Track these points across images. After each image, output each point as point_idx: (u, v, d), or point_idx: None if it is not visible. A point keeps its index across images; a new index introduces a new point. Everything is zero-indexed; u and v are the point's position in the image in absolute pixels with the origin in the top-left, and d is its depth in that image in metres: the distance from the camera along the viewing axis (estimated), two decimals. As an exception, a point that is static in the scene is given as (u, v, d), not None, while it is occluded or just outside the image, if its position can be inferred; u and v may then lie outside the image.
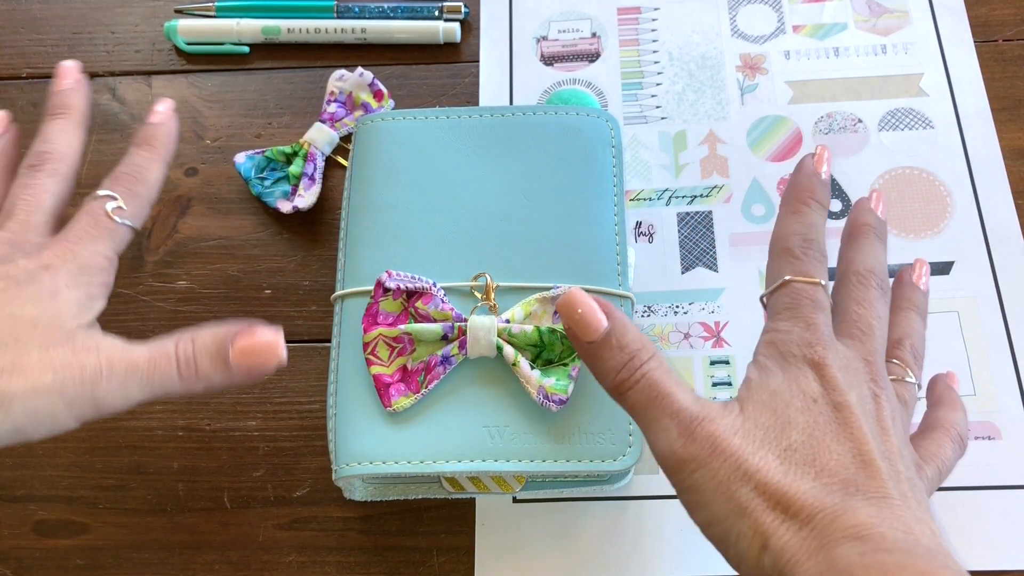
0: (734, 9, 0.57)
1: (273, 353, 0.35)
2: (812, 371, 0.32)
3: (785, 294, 0.34)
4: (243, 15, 0.58)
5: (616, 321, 0.32)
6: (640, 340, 0.32)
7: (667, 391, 0.31)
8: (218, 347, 0.35)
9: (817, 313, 0.34)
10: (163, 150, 0.41)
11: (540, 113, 0.46)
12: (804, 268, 0.35)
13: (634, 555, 0.43)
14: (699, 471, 0.30)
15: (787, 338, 0.33)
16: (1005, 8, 0.55)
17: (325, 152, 0.53)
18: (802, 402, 0.31)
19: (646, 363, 0.32)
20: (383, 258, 0.43)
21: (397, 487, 0.43)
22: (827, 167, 0.38)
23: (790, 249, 0.35)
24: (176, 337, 0.36)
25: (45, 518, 0.46)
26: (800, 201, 0.37)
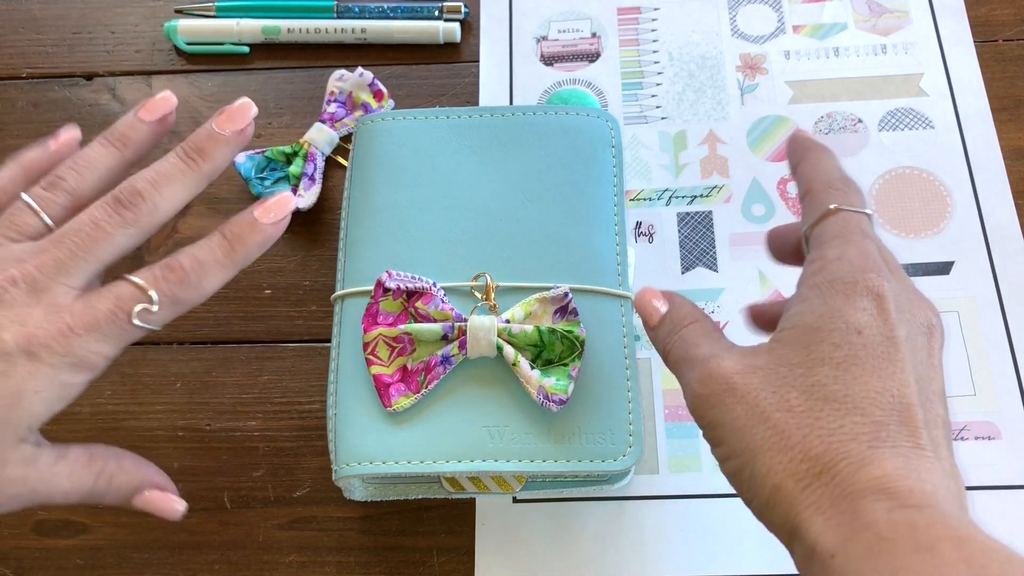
0: (734, 9, 0.57)
1: (169, 512, 0.36)
2: (866, 299, 0.30)
3: (834, 222, 0.32)
4: (243, 15, 0.58)
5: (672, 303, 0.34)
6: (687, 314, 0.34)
7: (696, 344, 0.32)
8: (129, 491, 0.36)
9: (868, 241, 0.32)
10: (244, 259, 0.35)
11: (540, 113, 0.46)
12: (850, 199, 0.33)
13: (634, 555, 0.43)
14: (715, 408, 0.30)
15: (838, 265, 0.31)
16: (1005, 8, 0.55)
17: (325, 152, 0.53)
18: (842, 335, 0.29)
19: (685, 327, 0.33)
20: (383, 258, 0.43)
21: (397, 487, 0.43)
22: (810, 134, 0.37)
23: (831, 182, 0.33)
24: (97, 471, 0.35)
25: (45, 518, 0.46)
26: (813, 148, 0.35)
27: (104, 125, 0.56)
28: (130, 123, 0.36)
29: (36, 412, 0.32)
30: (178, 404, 0.48)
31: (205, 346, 0.50)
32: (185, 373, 0.49)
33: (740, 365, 0.30)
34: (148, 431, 0.48)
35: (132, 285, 0.33)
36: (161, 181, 0.34)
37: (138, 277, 0.33)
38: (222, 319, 0.50)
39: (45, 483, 0.33)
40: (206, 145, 0.35)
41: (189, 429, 0.48)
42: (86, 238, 0.33)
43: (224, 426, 0.48)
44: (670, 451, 0.45)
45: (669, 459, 0.45)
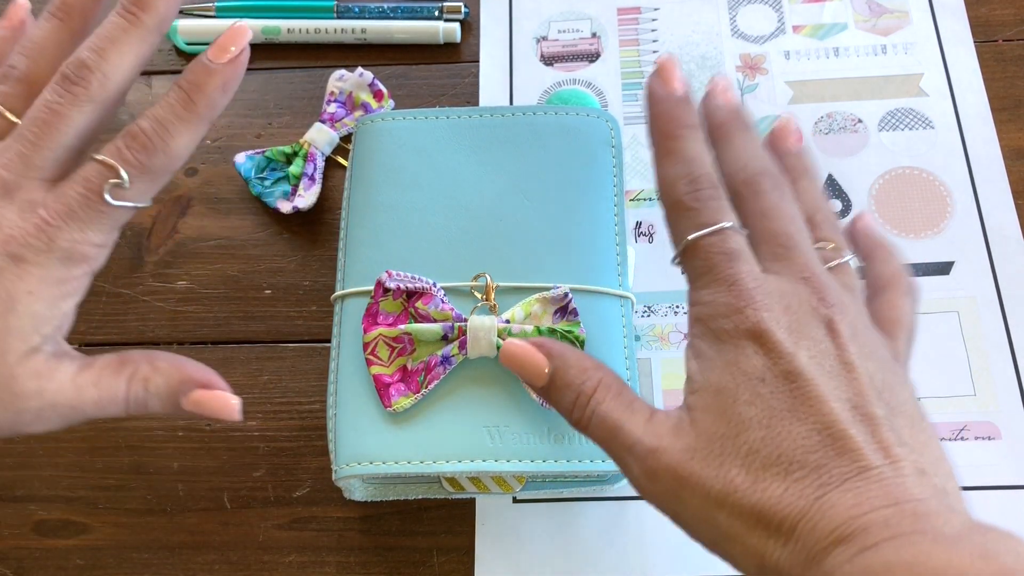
0: (734, 9, 0.57)
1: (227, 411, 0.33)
2: (750, 343, 0.29)
3: (695, 258, 0.31)
4: (243, 15, 0.58)
5: (556, 359, 0.31)
6: (582, 373, 0.31)
7: (618, 425, 0.30)
8: (171, 393, 0.33)
9: (735, 265, 0.30)
10: (206, 109, 0.32)
11: (540, 113, 0.46)
12: (701, 218, 0.31)
13: (634, 555, 0.43)
14: (673, 505, 0.29)
15: (712, 310, 0.30)
16: (1005, 8, 0.55)
17: (325, 152, 0.53)
18: (749, 391, 0.28)
19: (592, 397, 0.31)
20: (383, 258, 0.43)
21: (397, 487, 0.43)
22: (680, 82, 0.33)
23: (678, 201, 0.32)
24: (129, 374, 0.33)
25: (45, 518, 0.46)
26: (667, 136, 0.33)
27: (104, 125, 0.56)
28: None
29: (38, 313, 0.31)
30: (178, 404, 0.48)
31: (205, 346, 0.50)
32: (185, 373, 0.49)
33: (677, 453, 0.29)
34: (148, 431, 0.48)
35: (97, 163, 0.31)
36: (105, 46, 0.31)
37: (102, 154, 0.31)
38: (222, 319, 0.50)
39: (68, 395, 0.31)
40: None
41: (189, 429, 0.48)
42: (43, 125, 0.31)
43: (224, 426, 0.48)
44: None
45: (669, 459, 0.45)
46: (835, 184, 0.51)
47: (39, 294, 0.31)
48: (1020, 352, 0.47)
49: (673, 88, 0.33)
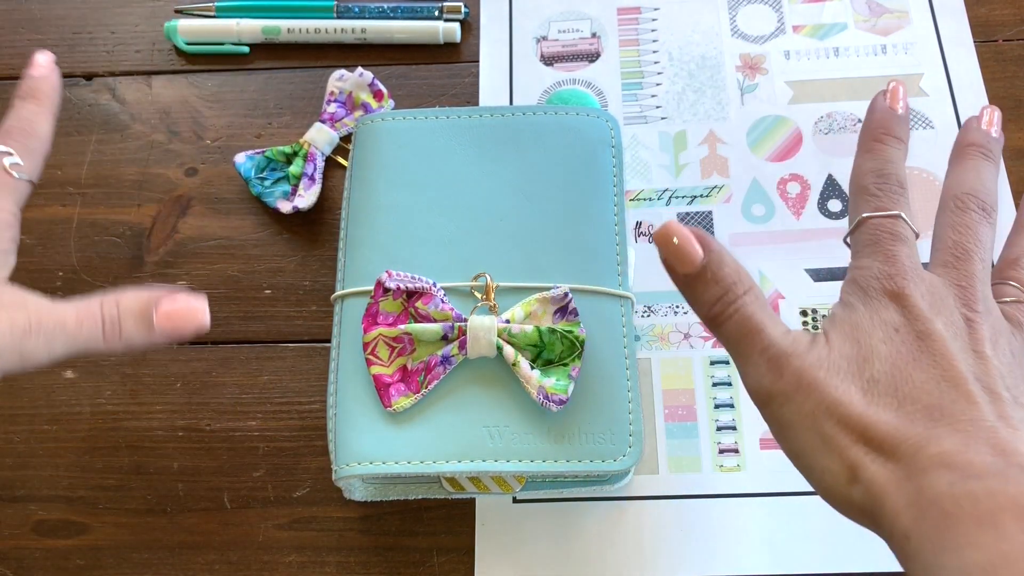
0: (734, 9, 0.57)
1: (195, 317, 0.36)
2: (892, 303, 0.31)
3: (864, 231, 0.34)
4: (243, 15, 0.58)
5: (713, 254, 0.33)
6: (736, 273, 0.33)
7: (758, 326, 0.32)
8: (142, 310, 0.35)
9: (897, 245, 0.33)
10: (49, 103, 0.40)
11: (540, 113, 0.46)
12: (880, 203, 0.34)
13: (634, 555, 0.43)
14: (786, 405, 0.31)
15: (867, 273, 0.33)
16: (1005, 8, 0.55)
17: (325, 152, 0.53)
18: (884, 332, 0.31)
19: (740, 297, 0.32)
20: (383, 258, 0.43)
21: (397, 487, 0.43)
22: (903, 102, 0.37)
23: (865, 187, 0.35)
24: (100, 299, 0.36)
25: (45, 518, 0.46)
26: (874, 139, 0.36)
27: (104, 125, 0.56)
28: None
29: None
30: (178, 404, 0.48)
31: (205, 346, 0.50)
32: (185, 373, 0.49)
33: (807, 360, 0.31)
34: (148, 431, 0.48)
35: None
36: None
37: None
38: (222, 319, 0.50)
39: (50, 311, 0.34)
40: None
41: (189, 429, 0.48)
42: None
43: (224, 426, 0.48)
44: (670, 451, 0.45)
45: (669, 459, 0.45)
46: (835, 184, 0.51)
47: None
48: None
49: (896, 105, 0.37)
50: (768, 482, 0.44)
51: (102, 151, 0.55)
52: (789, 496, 0.44)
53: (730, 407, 0.46)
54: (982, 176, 0.36)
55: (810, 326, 0.48)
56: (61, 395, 0.49)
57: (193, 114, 0.56)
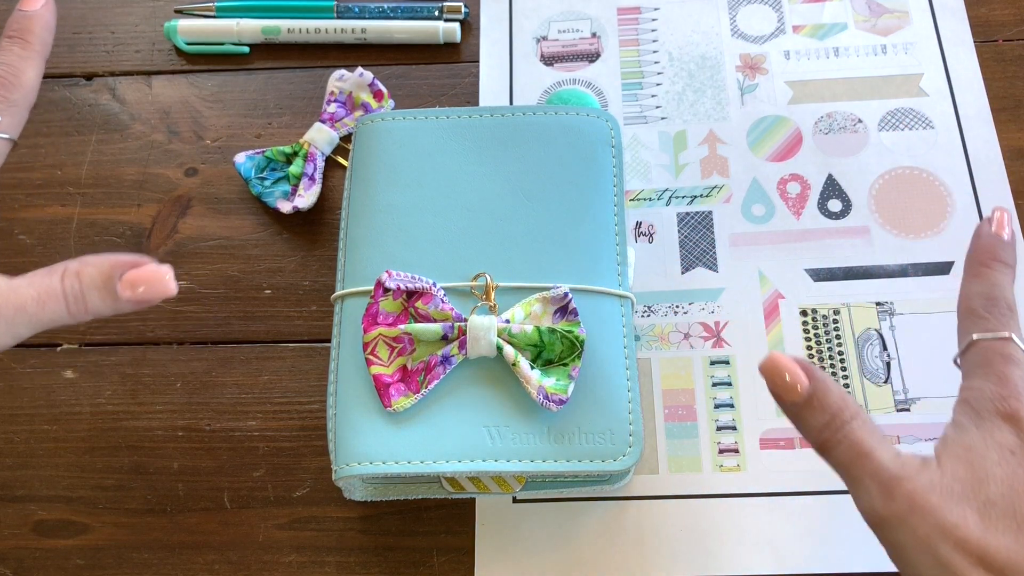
0: (734, 9, 0.57)
1: (161, 283, 0.34)
2: (1007, 424, 0.32)
3: (974, 353, 0.35)
4: (243, 15, 0.58)
5: (818, 382, 0.33)
6: (842, 399, 0.33)
7: (867, 450, 0.32)
8: (105, 280, 0.34)
9: (1009, 366, 0.33)
10: (39, 45, 0.37)
11: (540, 113, 0.46)
12: (989, 325, 0.35)
13: (634, 555, 0.43)
14: (900, 528, 0.31)
15: (979, 395, 0.33)
16: (1005, 8, 0.55)
17: (325, 152, 0.53)
18: (999, 454, 0.31)
19: (848, 423, 0.33)
20: (383, 258, 0.43)
21: (397, 487, 0.43)
22: (1009, 228, 0.37)
23: (974, 309, 0.35)
24: (61, 271, 0.34)
25: (45, 518, 0.46)
26: (980, 264, 0.36)
27: (104, 125, 0.56)
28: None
29: None
30: (178, 404, 0.48)
31: (205, 346, 0.50)
32: (185, 373, 0.49)
33: (920, 484, 0.31)
34: (148, 431, 0.48)
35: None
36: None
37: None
38: (222, 319, 0.50)
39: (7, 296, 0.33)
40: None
41: (189, 429, 0.48)
42: None
43: (224, 426, 0.48)
44: (670, 451, 0.45)
45: (669, 459, 0.45)
46: (835, 184, 0.51)
47: None
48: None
49: (1001, 232, 0.37)
50: (768, 482, 0.44)
51: (102, 151, 0.55)
52: (789, 496, 0.44)
53: (730, 407, 0.46)
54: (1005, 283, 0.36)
55: (810, 326, 0.48)
56: (61, 395, 0.49)
57: (193, 114, 0.56)
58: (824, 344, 0.47)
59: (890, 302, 0.48)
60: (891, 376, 0.46)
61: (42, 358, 0.50)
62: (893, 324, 0.47)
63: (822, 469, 0.44)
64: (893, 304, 0.48)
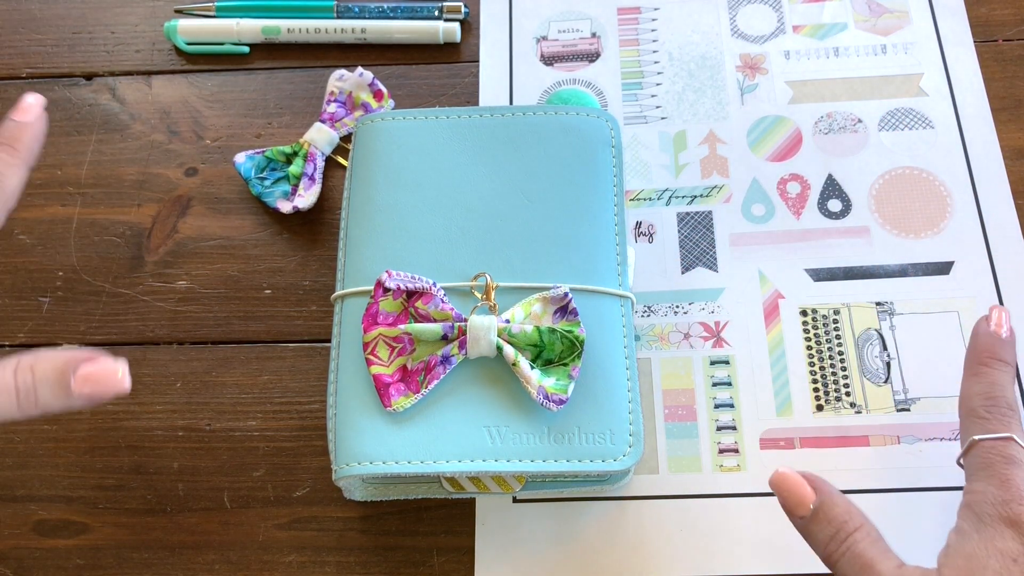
0: (734, 9, 0.57)
1: (114, 380, 0.34)
2: (1010, 530, 0.32)
3: (976, 455, 0.35)
4: (243, 15, 0.58)
5: (824, 495, 0.34)
6: (847, 512, 0.33)
7: (870, 562, 0.32)
8: (59, 376, 0.33)
9: (1011, 468, 0.33)
10: (27, 154, 0.38)
11: (540, 113, 0.46)
12: (990, 426, 0.35)
13: (634, 555, 0.43)
14: None
15: (981, 499, 0.33)
16: (1005, 8, 0.55)
17: (325, 152, 0.53)
18: (1000, 563, 0.31)
19: (852, 535, 0.33)
20: (383, 258, 0.43)
21: (397, 487, 0.43)
22: (1007, 326, 0.38)
23: (974, 409, 0.36)
24: (14, 365, 0.33)
25: (45, 518, 0.46)
26: (979, 363, 0.37)
27: (104, 125, 0.56)
28: None
29: None
30: (178, 404, 0.48)
31: (205, 346, 0.50)
32: (185, 373, 0.49)
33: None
34: (148, 431, 0.48)
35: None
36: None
37: None
38: (222, 319, 0.50)
39: None
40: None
41: (189, 429, 0.48)
42: None
43: (224, 426, 0.48)
44: (670, 451, 0.45)
45: (669, 459, 0.45)
46: (835, 184, 0.51)
47: None
48: (1020, 352, 0.47)
49: (999, 331, 0.38)
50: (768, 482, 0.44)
51: (102, 151, 0.55)
52: (789, 496, 0.44)
53: (730, 407, 0.46)
54: None
55: (810, 326, 0.48)
56: None
57: (193, 114, 0.56)
58: (824, 344, 0.47)
59: (890, 302, 0.48)
60: (891, 376, 0.46)
61: (42, 358, 0.50)
62: (893, 324, 0.47)
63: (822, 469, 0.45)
64: (893, 304, 0.48)
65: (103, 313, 0.51)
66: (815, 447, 0.45)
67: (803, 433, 0.45)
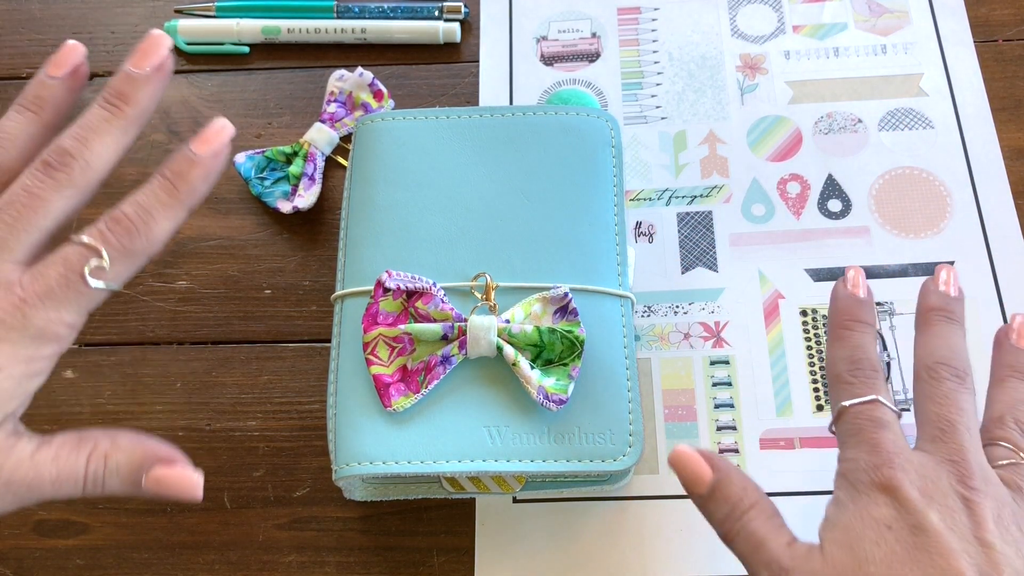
0: (734, 9, 0.57)
1: (188, 489, 0.32)
2: (883, 495, 0.31)
3: (845, 422, 0.34)
4: (243, 15, 0.58)
5: (721, 474, 0.34)
6: (742, 490, 0.33)
7: (761, 540, 0.32)
8: (132, 471, 0.32)
9: (879, 431, 0.33)
10: (189, 197, 0.32)
11: (540, 113, 0.46)
12: (856, 390, 0.34)
13: (634, 555, 0.43)
14: None
15: (854, 466, 0.33)
16: (1005, 8, 0.55)
17: (325, 152, 0.53)
18: (875, 533, 0.31)
19: (746, 513, 0.33)
20: (383, 258, 0.43)
21: (397, 487, 0.43)
22: (864, 287, 0.37)
23: (839, 375, 0.35)
24: (88, 451, 0.32)
25: (45, 518, 0.46)
26: (840, 327, 0.36)
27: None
28: (40, 82, 0.34)
29: (4, 390, 0.30)
30: (178, 404, 0.48)
31: (205, 346, 0.50)
32: (185, 373, 0.49)
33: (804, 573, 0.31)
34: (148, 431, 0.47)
35: (79, 245, 0.31)
36: (88, 135, 0.32)
37: (85, 236, 0.31)
38: (222, 319, 0.50)
39: (25, 472, 0.31)
40: (126, 88, 0.33)
41: (189, 429, 0.48)
42: (22, 208, 0.31)
43: (224, 426, 0.48)
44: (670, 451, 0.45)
45: (669, 459, 0.45)
46: (835, 184, 0.51)
47: (8, 371, 0.30)
48: (1020, 352, 0.47)
49: (856, 291, 0.37)
50: (768, 482, 0.44)
51: (102, 151, 0.55)
52: (789, 496, 0.44)
53: (730, 407, 0.46)
54: (950, 342, 0.36)
55: (810, 326, 0.48)
56: (61, 395, 0.49)
57: (193, 114, 0.56)
58: (824, 344, 0.47)
59: (890, 302, 0.48)
60: (891, 376, 0.46)
61: (42, 358, 0.50)
62: (893, 324, 0.47)
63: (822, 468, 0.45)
64: (893, 304, 0.48)
65: (103, 313, 0.50)
66: (815, 447, 0.45)
67: (803, 433, 0.45)
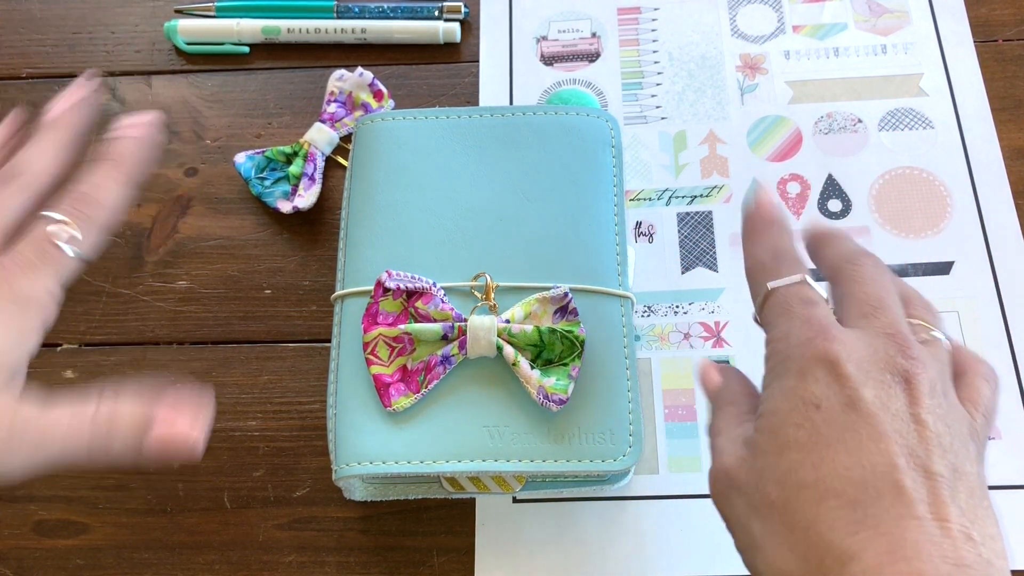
0: (734, 9, 0.57)
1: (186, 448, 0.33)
2: (818, 368, 0.29)
3: (773, 303, 0.32)
4: (243, 15, 0.58)
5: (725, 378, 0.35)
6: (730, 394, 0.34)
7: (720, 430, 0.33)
8: (134, 435, 0.33)
9: (810, 308, 0.31)
10: (130, 169, 0.37)
11: (540, 113, 0.46)
12: (780, 272, 0.33)
13: (634, 555, 0.43)
14: (723, 505, 0.31)
15: (784, 345, 0.31)
16: (1005, 8, 0.55)
17: (325, 152, 0.53)
18: (801, 413, 0.29)
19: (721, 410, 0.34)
20: (383, 258, 0.43)
21: (397, 487, 0.43)
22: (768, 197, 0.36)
23: (762, 263, 0.34)
24: (91, 414, 0.33)
25: (45, 518, 0.46)
26: (754, 230, 0.35)
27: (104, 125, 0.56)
28: None
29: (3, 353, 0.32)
30: (178, 404, 0.48)
31: (205, 346, 0.50)
32: (185, 373, 0.49)
33: (733, 460, 0.31)
34: (148, 431, 0.48)
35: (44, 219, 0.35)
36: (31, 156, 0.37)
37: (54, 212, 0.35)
38: (222, 319, 0.50)
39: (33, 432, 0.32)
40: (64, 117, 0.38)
41: (189, 429, 0.48)
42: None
43: (224, 426, 0.48)
44: (670, 451, 0.45)
45: (669, 459, 0.45)
46: (835, 184, 0.51)
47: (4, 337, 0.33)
48: (1020, 352, 0.47)
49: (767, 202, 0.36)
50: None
51: (102, 151, 0.55)
52: (789, 496, 0.44)
53: (730, 407, 0.46)
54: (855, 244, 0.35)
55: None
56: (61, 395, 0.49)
57: (193, 114, 0.56)
58: (824, 344, 0.47)
59: (890, 302, 0.48)
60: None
61: (42, 358, 0.49)
62: (893, 324, 0.47)
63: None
64: (893, 304, 0.48)
65: (103, 313, 0.51)
66: (815, 447, 0.45)
67: (803, 433, 0.45)
